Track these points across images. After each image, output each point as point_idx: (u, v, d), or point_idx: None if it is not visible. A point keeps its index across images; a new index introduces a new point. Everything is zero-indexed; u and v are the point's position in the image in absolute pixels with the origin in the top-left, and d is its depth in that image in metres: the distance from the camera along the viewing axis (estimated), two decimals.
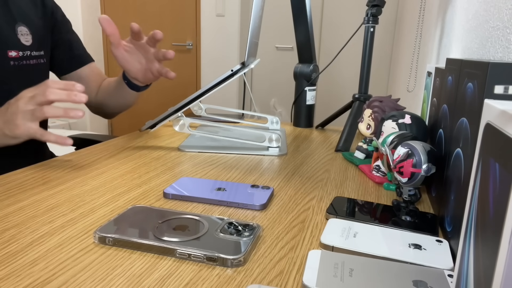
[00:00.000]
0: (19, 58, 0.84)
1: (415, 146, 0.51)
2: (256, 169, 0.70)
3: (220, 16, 3.08)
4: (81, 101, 0.66)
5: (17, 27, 0.83)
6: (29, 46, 0.85)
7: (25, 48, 0.84)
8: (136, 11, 3.30)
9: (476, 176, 0.25)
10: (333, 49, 2.98)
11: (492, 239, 0.21)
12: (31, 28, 0.86)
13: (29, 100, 0.65)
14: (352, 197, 0.58)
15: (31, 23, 0.87)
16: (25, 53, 0.84)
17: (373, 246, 0.41)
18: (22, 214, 0.48)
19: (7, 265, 0.37)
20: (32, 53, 0.86)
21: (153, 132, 0.95)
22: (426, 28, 1.32)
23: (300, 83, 1.05)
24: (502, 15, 0.55)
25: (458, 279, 0.27)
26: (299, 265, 0.39)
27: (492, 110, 0.23)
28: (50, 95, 0.65)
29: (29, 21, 0.86)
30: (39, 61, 0.89)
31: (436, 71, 0.64)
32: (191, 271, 0.37)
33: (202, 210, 0.51)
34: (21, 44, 0.84)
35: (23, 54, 0.84)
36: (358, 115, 0.90)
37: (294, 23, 1.03)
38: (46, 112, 0.65)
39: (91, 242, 0.42)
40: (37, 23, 0.89)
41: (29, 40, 0.85)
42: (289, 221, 0.49)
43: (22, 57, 0.84)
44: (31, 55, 0.86)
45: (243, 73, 0.75)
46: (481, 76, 0.36)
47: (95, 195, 0.55)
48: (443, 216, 0.48)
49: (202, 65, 3.21)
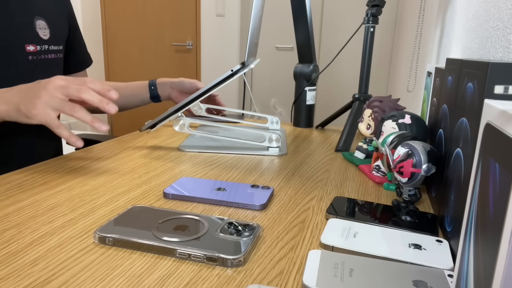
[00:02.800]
0: (37, 53, 0.81)
1: (415, 146, 0.51)
2: (256, 169, 0.70)
3: (220, 16, 3.08)
4: (110, 112, 0.62)
5: (35, 21, 0.81)
6: (47, 40, 0.83)
7: (43, 42, 0.82)
8: (136, 11, 3.30)
9: (476, 176, 0.25)
10: (333, 49, 2.98)
11: (492, 239, 0.21)
12: (49, 22, 0.84)
13: (60, 88, 0.61)
14: (352, 197, 0.58)
15: (49, 17, 0.85)
16: (43, 47, 0.82)
17: (373, 246, 0.41)
18: (22, 214, 0.48)
19: (7, 265, 0.37)
20: (50, 47, 0.84)
21: (153, 132, 0.95)
22: (426, 28, 1.32)
23: (300, 83, 1.05)
24: (502, 15, 0.55)
25: (458, 279, 0.27)
26: (299, 265, 0.39)
27: (492, 110, 0.23)
28: (84, 93, 0.61)
29: (47, 14, 0.84)
30: (57, 56, 0.87)
31: (436, 71, 0.64)
32: (191, 271, 0.37)
33: (202, 210, 0.51)
34: (40, 38, 0.82)
35: (41, 48, 0.82)
36: (358, 115, 0.90)
37: (294, 23, 1.03)
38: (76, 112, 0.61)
39: (91, 242, 0.42)
40: (55, 17, 0.87)
41: (47, 34, 0.83)
42: (289, 221, 0.49)
43: (40, 51, 0.82)
44: (49, 49, 0.84)
45: (243, 73, 0.75)
46: (481, 76, 0.36)
47: (95, 195, 0.55)
48: (443, 216, 0.48)
49: (202, 65, 3.21)
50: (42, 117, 0.61)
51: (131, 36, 3.36)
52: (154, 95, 1.02)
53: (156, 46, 3.32)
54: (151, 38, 3.31)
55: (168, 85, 1.01)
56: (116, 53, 3.43)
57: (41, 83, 0.62)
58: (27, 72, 0.81)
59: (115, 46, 3.42)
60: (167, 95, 1.03)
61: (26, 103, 0.61)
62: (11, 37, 0.77)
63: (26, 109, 0.61)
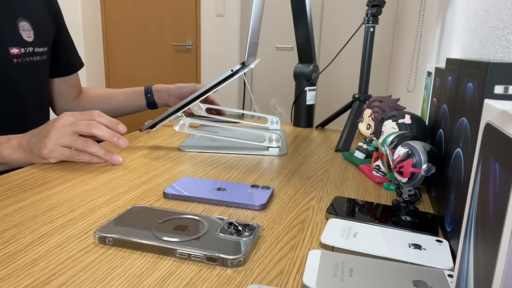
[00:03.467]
0: (22, 55, 0.80)
1: (415, 146, 0.51)
2: (256, 169, 0.70)
3: (220, 16, 3.08)
4: (121, 146, 0.63)
5: (19, 22, 0.80)
6: (31, 42, 0.82)
7: (27, 44, 0.81)
8: (136, 11, 3.30)
9: (476, 176, 0.25)
10: (333, 49, 2.98)
11: (492, 239, 0.21)
12: (33, 23, 0.83)
13: (69, 126, 0.61)
14: (352, 197, 0.58)
15: (32, 18, 0.83)
16: (27, 49, 0.81)
17: (373, 246, 0.41)
18: (22, 214, 0.48)
19: (7, 265, 0.37)
20: (35, 49, 0.83)
21: (153, 132, 0.95)
22: (426, 28, 1.32)
23: (300, 83, 1.05)
24: (502, 15, 0.55)
25: (458, 279, 0.27)
26: (299, 265, 0.39)
27: (492, 110, 0.23)
28: (94, 129, 0.61)
29: (31, 16, 0.83)
30: (42, 58, 0.86)
31: (436, 71, 0.64)
32: (191, 271, 0.37)
33: (202, 210, 0.51)
34: (23, 41, 0.80)
35: (25, 50, 0.81)
36: (358, 115, 0.90)
37: (294, 23, 1.03)
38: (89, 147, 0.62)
39: (91, 242, 0.42)
40: (39, 18, 0.85)
41: (31, 35, 0.82)
42: (289, 221, 0.49)
43: (24, 54, 0.81)
44: (34, 52, 0.83)
45: (243, 73, 0.75)
46: (481, 76, 0.36)
47: (95, 195, 0.55)
48: (443, 216, 0.48)
49: (202, 65, 3.21)
50: (57, 155, 0.63)
51: (131, 36, 3.36)
52: (150, 102, 1.01)
53: (156, 46, 3.32)
54: (151, 38, 3.32)
55: (165, 92, 1.01)
56: (116, 53, 3.43)
57: (49, 123, 0.64)
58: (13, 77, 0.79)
59: (115, 46, 3.42)
60: (165, 102, 1.02)
61: (37, 146, 0.63)
62: None
63: (38, 151, 0.63)
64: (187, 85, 1.00)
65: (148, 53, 3.36)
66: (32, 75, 0.83)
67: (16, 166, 0.66)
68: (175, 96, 1.01)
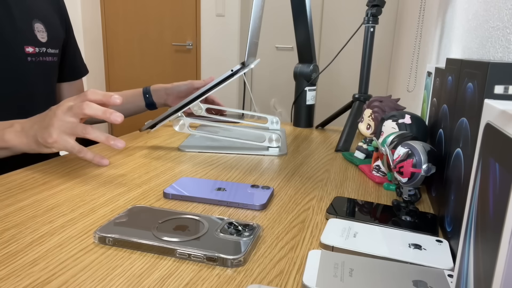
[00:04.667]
0: (36, 54, 0.83)
1: (415, 146, 0.51)
2: (256, 169, 0.70)
3: (220, 16, 3.08)
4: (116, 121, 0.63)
5: (34, 23, 0.83)
6: (44, 43, 0.85)
7: (41, 44, 0.84)
8: (136, 11, 3.30)
9: (476, 176, 0.25)
10: (333, 49, 2.98)
11: (492, 239, 0.21)
12: (47, 26, 0.86)
13: (67, 111, 0.62)
14: (352, 197, 0.58)
15: (46, 21, 0.86)
16: (41, 49, 0.84)
17: (373, 246, 0.41)
18: (22, 214, 0.48)
19: (7, 265, 0.37)
20: (48, 50, 0.86)
21: (153, 132, 0.95)
22: (426, 28, 1.32)
23: (300, 83, 1.05)
24: (502, 15, 0.55)
25: (458, 279, 0.27)
26: (299, 265, 0.39)
27: (492, 110, 0.23)
28: (86, 109, 0.61)
29: (45, 18, 0.86)
30: (54, 59, 0.89)
31: (436, 71, 0.64)
32: (191, 271, 0.37)
33: (202, 210, 0.51)
34: (38, 41, 0.83)
35: (39, 50, 0.84)
36: (358, 115, 0.90)
37: (294, 23, 1.03)
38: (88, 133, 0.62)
39: (91, 242, 0.42)
40: (52, 21, 0.89)
41: (45, 37, 0.85)
42: (289, 221, 0.49)
43: (38, 53, 0.84)
44: (47, 52, 0.86)
45: (243, 73, 0.75)
46: (481, 76, 0.36)
47: (95, 195, 0.55)
48: (443, 216, 0.48)
49: (202, 65, 3.21)
50: (61, 145, 0.63)
51: (131, 36, 3.36)
52: (149, 103, 1.03)
53: (156, 46, 3.32)
54: (151, 38, 3.32)
55: (163, 91, 1.02)
56: (116, 53, 3.43)
57: (51, 110, 0.64)
58: (26, 74, 0.81)
59: (115, 46, 3.42)
60: (163, 102, 1.03)
61: (42, 134, 0.62)
62: (11, 39, 0.78)
63: (43, 139, 0.62)
64: (184, 83, 1.01)
65: (148, 53, 3.36)
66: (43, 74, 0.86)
67: (19, 152, 0.66)
68: (173, 95, 1.01)
